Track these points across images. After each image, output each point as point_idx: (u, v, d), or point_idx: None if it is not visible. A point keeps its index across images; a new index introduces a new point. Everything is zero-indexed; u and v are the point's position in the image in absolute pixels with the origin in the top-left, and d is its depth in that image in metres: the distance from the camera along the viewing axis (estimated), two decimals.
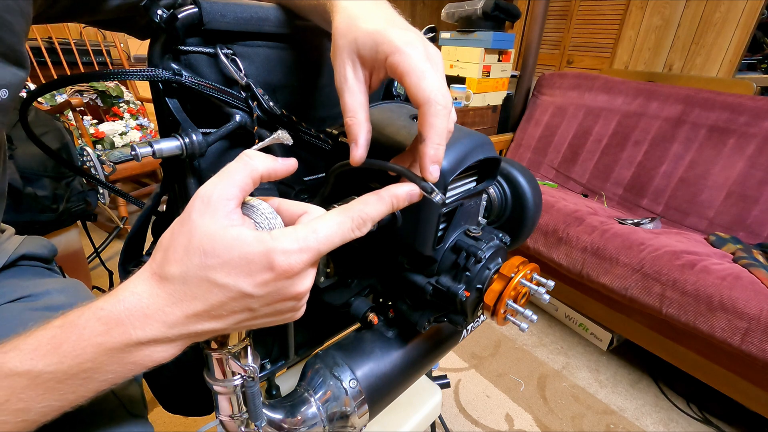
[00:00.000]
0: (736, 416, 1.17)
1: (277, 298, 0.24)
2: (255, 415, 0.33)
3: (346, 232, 0.25)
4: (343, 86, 0.28)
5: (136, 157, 0.30)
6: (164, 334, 0.23)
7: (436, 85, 0.26)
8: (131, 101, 2.04)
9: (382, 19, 0.28)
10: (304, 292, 0.25)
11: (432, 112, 0.26)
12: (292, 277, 0.23)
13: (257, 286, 0.23)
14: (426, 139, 0.26)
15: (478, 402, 1.19)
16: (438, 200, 0.27)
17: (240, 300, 0.23)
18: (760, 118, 1.31)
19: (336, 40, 0.28)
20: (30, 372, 0.23)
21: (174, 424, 1.01)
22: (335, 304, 0.45)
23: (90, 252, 1.46)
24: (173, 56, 0.34)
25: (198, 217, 0.23)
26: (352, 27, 0.28)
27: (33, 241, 0.52)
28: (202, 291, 0.23)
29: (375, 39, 0.27)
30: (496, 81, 1.98)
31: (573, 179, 1.73)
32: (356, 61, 0.28)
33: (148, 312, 0.23)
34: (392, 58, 0.26)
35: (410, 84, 0.26)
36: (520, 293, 0.36)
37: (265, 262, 0.22)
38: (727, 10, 2.06)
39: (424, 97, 0.25)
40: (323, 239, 0.24)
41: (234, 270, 0.22)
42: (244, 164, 0.25)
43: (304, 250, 0.23)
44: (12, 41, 0.31)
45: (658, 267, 1.08)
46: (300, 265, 0.23)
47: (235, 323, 0.24)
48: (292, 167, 0.28)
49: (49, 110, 1.50)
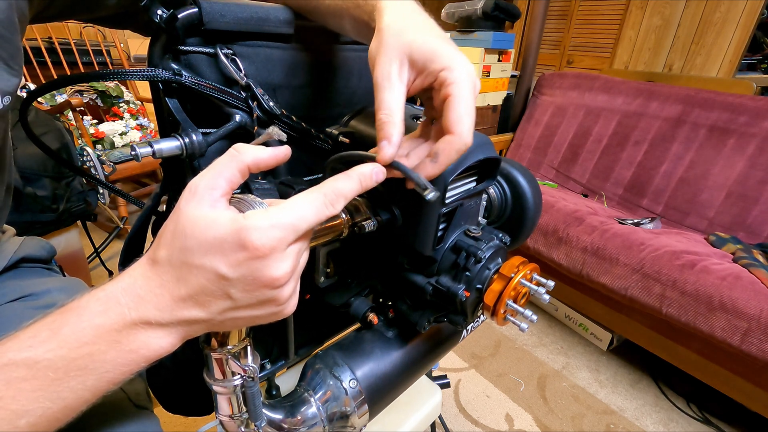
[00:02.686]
0: (736, 416, 1.17)
1: (254, 282, 0.23)
2: (255, 415, 0.33)
3: (320, 208, 0.25)
4: (384, 82, 0.28)
5: (136, 157, 0.30)
6: (156, 318, 0.24)
7: (472, 125, 0.28)
8: (131, 101, 2.04)
9: (437, 33, 0.29)
10: (283, 276, 0.24)
11: (456, 147, 0.28)
12: (267, 256, 0.23)
13: (231, 266, 0.23)
14: (437, 162, 0.29)
15: (478, 402, 1.19)
16: (431, 197, 0.28)
17: (217, 282, 0.23)
18: (760, 118, 1.31)
19: (386, 38, 0.28)
20: (28, 360, 0.22)
21: (174, 424, 1.01)
22: (335, 304, 0.45)
23: (90, 252, 1.46)
24: (173, 56, 0.34)
25: (185, 205, 0.24)
26: (408, 31, 0.28)
27: (32, 243, 0.52)
28: (184, 273, 0.23)
29: (434, 48, 0.28)
30: (496, 81, 1.98)
31: (573, 179, 1.73)
32: (405, 62, 0.28)
33: (140, 293, 0.24)
34: (448, 74, 0.27)
35: (455, 110, 0.27)
36: (520, 293, 0.36)
37: (237, 240, 0.22)
38: (727, 10, 2.06)
39: (460, 132, 0.27)
40: (296, 215, 0.24)
41: (209, 250, 0.23)
42: (231, 157, 0.25)
43: (276, 226, 0.23)
44: (11, 50, 0.31)
45: (658, 267, 1.08)
46: (273, 241, 0.23)
47: (219, 312, 0.24)
48: (283, 156, 0.27)
49: (49, 110, 1.50)
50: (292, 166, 0.43)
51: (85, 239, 1.06)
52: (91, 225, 1.13)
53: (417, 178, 0.28)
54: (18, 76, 0.33)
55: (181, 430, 1.01)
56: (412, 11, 0.30)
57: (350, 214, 0.34)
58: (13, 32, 0.31)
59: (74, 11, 0.39)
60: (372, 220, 0.35)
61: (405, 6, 0.30)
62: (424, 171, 0.29)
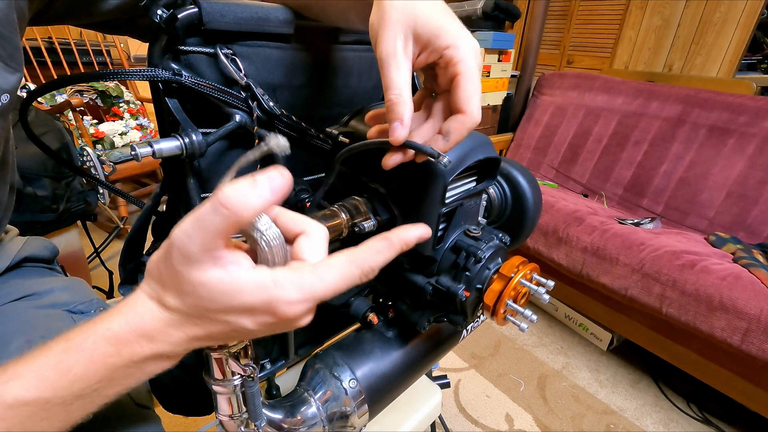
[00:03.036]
0: (736, 416, 1.17)
1: (277, 329, 0.24)
2: (255, 415, 0.33)
3: (353, 280, 0.24)
4: (390, 59, 0.27)
5: (136, 157, 0.30)
6: (170, 351, 0.24)
7: (479, 102, 0.28)
8: (131, 101, 2.04)
9: (442, 7, 0.28)
10: (303, 323, 0.24)
11: (467, 125, 0.28)
12: (294, 320, 0.23)
13: (259, 325, 0.23)
14: (449, 140, 0.28)
15: (478, 402, 1.19)
16: (445, 162, 0.28)
17: (240, 331, 0.23)
18: (760, 118, 1.31)
19: (388, 12, 0.27)
20: (38, 400, 0.22)
21: (174, 424, 1.01)
22: (335, 304, 0.45)
23: (90, 252, 1.45)
24: (173, 56, 0.34)
25: (183, 269, 0.21)
26: (413, 5, 0.27)
27: (35, 243, 0.52)
28: (203, 322, 0.23)
29: (439, 24, 0.27)
30: (496, 81, 1.97)
31: (573, 179, 1.73)
32: (410, 36, 0.27)
33: (153, 334, 0.23)
34: (454, 51, 0.27)
35: (464, 89, 0.27)
36: (520, 293, 0.36)
37: (267, 309, 0.22)
38: (727, 10, 2.05)
39: (470, 110, 0.27)
40: (328, 289, 0.23)
41: (235, 313, 0.22)
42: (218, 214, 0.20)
43: (308, 300, 0.23)
44: (10, 49, 0.31)
45: (658, 267, 1.08)
46: (303, 312, 0.23)
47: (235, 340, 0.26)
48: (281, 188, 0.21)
49: (49, 110, 1.50)
50: (292, 165, 0.43)
51: (85, 239, 1.06)
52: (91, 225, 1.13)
53: (430, 150, 0.28)
54: (15, 73, 0.33)
55: (181, 430, 1.01)
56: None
57: (350, 215, 0.34)
58: (11, 31, 0.31)
59: (72, 15, 0.38)
60: (372, 220, 0.35)
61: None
62: (436, 147, 0.28)
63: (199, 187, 0.38)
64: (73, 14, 0.38)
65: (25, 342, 0.38)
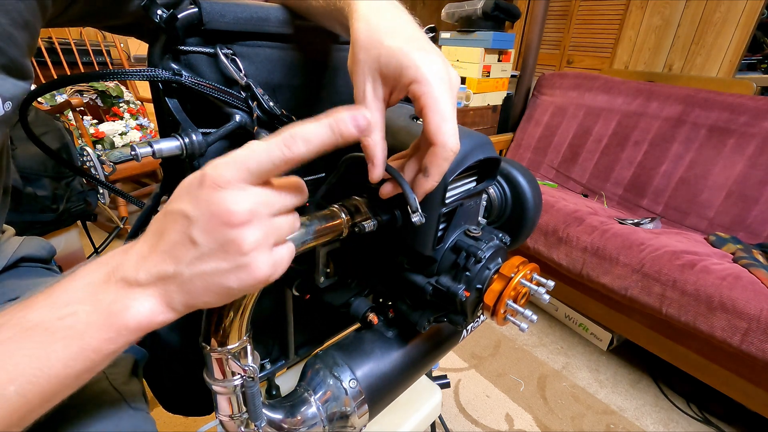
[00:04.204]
0: (736, 416, 1.17)
1: (212, 218, 0.23)
2: (255, 415, 0.33)
3: (271, 147, 0.24)
4: (361, 104, 0.28)
5: (135, 157, 0.30)
6: (134, 277, 0.24)
7: (454, 130, 0.27)
8: (131, 101, 2.04)
9: (405, 35, 0.28)
10: (240, 212, 0.23)
11: (443, 156, 0.27)
12: (222, 187, 0.23)
13: (192, 203, 0.23)
14: (429, 176, 0.29)
15: (478, 402, 1.19)
16: (416, 221, 0.30)
17: (182, 223, 0.24)
18: (760, 118, 1.31)
19: (356, 54, 0.28)
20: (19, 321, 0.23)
21: (174, 424, 1.01)
22: (335, 304, 0.45)
23: (90, 252, 1.45)
24: (173, 56, 0.34)
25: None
26: (374, 41, 0.28)
27: (32, 242, 0.52)
28: (161, 225, 0.25)
29: (399, 60, 0.27)
30: (496, 81, 1.98)
31: (573, 179, 1.73)
32: (377, 78, 0.28)
33: (126, 252, 0.25)
34: (417, 87, 0.27)
35: (431, 121, 0.27)
36: (520, 293, 0.36)
37: (197, 177, 0.24)
38: (727, 10, 2.05)
39: (441, 141, 0.27)
40: (248, 152, 0.24)
41: (179, 196, 0.25)
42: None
43: (228, 163, 0.24)
44: (15, 55, 0.31)
45: (658, 267, 1.08)
46: (226, 173, 0.23)
47: (187, 263, 0.24)
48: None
49: (49, 110, 1.50)
50: None
51: (85, 239, 1.06)
52: (91, 225, 1.12)
53: (411, 199, 0.30)
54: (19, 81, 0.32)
55: (181, 430, 1.01)
56: (380, 7, 0.29)
57: (350, 215, 0.34)
58: (9, 44, 0.30)
59: (93, 18, 0.38)
60: (372, 220, 0.35)
61: (372, 4, 0.29)
62: (421, 187, 0.30)
63: None
64: (95, 18, 0.38)
65: None
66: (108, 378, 0.37)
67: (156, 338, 0.45)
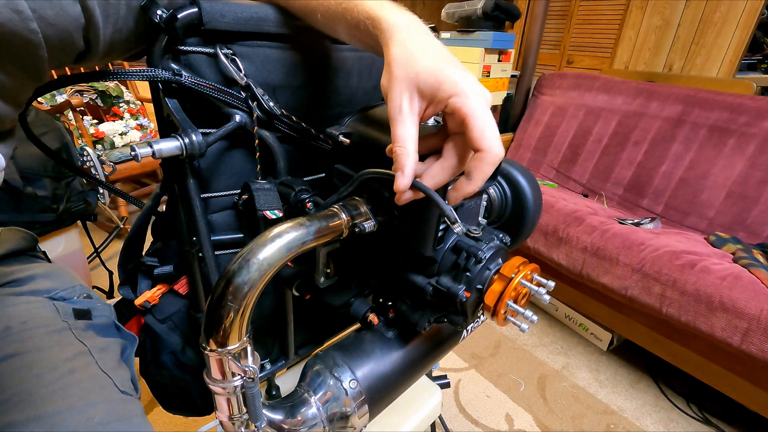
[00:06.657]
0: (736, 416, 1.17)
1: None
2: (255, 415, 0.33)
3: None
4: (397, 116, 0.30)
5: (135, 157, 0.30)
6: None
7: (496, 136, 0.29)
8: (131, 101, 2.04)
9: (442, 57, 0.30)
10: None
11: (489, 161, 0.29)
12: None
13: None
14: (472, 180, 0.30)
15: (478, 402, 1.19)
16: (458, 231, 0.31)
17: None
18: (760, 118, 1.31)
19: (394, 70, 0.29)
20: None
21: (174, 424, 1.01)
22: (335, 305, 0.45)
23: (90, 252, 1.45)
24: (173, 56, 0.34)
25: None
26: (412, 60, 0.29)
27: (11, 236, 0.51)
28: None
29: (438, 77, 0.28)
30: (496, 81, 1.97)
31: (573, 179, 1.73)
32: (414, 93, 0.29)
33: None
34: (457, 99, 0.28)
35: (474, 129, 0.28)
36: (521, 294, 0.36)
37: None
38: (727, 10, 2.05)
39: (487, 146, 0.28)
40: None
41: None
42: None
43: None
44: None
45: (658, 267, 1.08)
46: None
47: None
48: None
49: (49, 110, 1.50)
50: (292, 166, 0.43)
51: (85, 239, 1.06)
52: (91, 225, 1.12)
53: (448, 211, 0.30)
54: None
55: (181, 430, 1.01)
56: (416, 34, 0.31)
57: (350, 215, 0.34)
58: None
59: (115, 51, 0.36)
60: (372, 220, 0.35)
61: (409, 29, 0.31)
62: (462, 190, 0.30)
63: (199, 187, 0.38)
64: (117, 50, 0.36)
65: (5, 329, 0.38)
66: (98, 363, 0.38)
67: (156, 338, 0.45)
